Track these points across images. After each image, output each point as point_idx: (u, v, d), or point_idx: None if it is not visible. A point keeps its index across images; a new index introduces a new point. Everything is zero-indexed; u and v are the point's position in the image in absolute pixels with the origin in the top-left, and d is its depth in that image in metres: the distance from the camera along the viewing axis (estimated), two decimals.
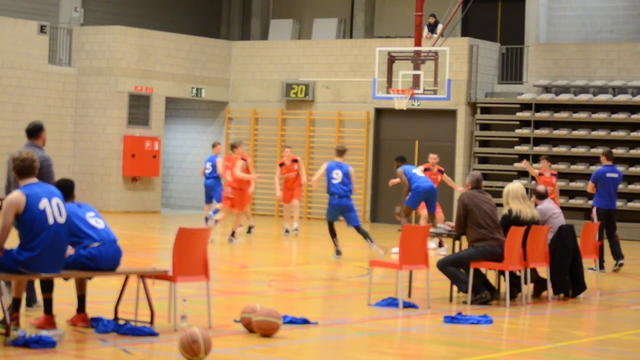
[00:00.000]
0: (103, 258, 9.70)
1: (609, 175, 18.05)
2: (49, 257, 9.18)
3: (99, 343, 9.29)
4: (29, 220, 9.12)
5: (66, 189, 9.97)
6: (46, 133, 11.00)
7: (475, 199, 12.89)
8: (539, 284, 13.76)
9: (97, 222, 9.85)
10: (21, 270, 9.12)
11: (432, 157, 21.44)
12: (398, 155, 20.32)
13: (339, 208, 18.39)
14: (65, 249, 9.37)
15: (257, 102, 31.37)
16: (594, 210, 17.98)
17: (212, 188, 22.48)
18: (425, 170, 20.97)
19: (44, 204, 9.18)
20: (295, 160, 23.40)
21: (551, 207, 13.96)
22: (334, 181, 18.47)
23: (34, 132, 10.79)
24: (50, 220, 9.18)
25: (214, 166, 22.44)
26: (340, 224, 19.14)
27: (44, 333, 8.96)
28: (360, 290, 13.60)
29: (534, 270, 13.58)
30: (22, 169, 9.34)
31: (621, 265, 18.03)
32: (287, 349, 9.45)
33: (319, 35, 32.79)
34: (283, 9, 35.07)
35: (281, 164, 23.45)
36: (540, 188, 14.30)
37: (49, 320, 9.48)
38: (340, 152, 18.98)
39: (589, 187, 18.30)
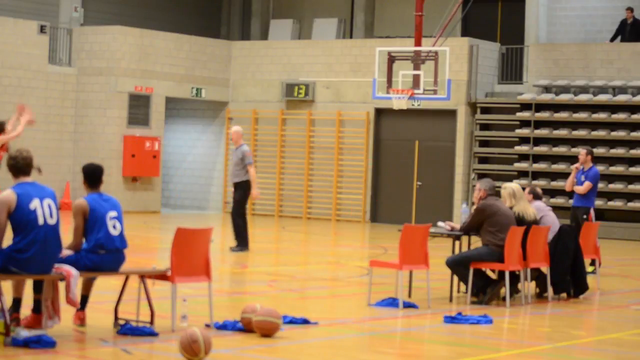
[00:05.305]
0: (104, 265, 9.68)
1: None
2: (40, 257, 9.12)
3: (99, 343, 9.29)
4: (19, 219, 9.06)
5: (93, 176, 9.87)
6: None
7: (503, 206, 12.93)
8: (540, 280, 13.72)
9: (115, 228, 9.70)
10: (13, 270, 9.09)
11: None
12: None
13: None
14: (57, 250, 9.30)
15: (257, 102, 31.37)
16: (592, 211, 17.34)
17: None
18: None
19: (35, 204, 9.10)
20: None
21: (541, 206, 14.02)
22: None
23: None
24: (40, 221, 9.09)
25: None
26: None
27: (41, 332, 8.95)
28: (360, 290, 13.60)
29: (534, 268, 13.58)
30: (21, 167, 9.29)
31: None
32: (287, 349, 9.45)
33: (319, 35, 32.79)
34: (283, 9, 35.07)
35: None
36: (538, 190, 14.43)
37: (36, 319, 9.41)
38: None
39: (587, 187, 17.08)
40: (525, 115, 28.23)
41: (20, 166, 9.27)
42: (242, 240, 18.49)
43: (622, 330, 11.59)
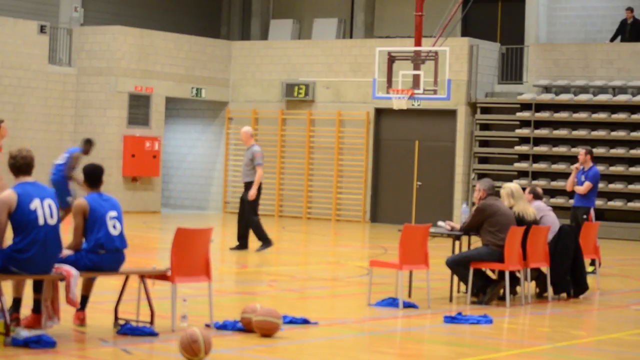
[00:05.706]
0: (104, 265, 9.68)
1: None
2: (41, 257, 9.12)
3: (99, 343, 9.29)
4: (19, 219, 9.05)
5: (93, 176, 9.86)
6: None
7: (503, 206, 12.91)
8: (540, 280, 13.72)
9: (115, 228, 9.70)
10: (13, 270, 9.09)
11: None
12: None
13: None
14: (57, 250, 9.29)
15: (257, 102, 31.37)
16: (592, 211, 17.09)
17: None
18: None
19: (35, 204, 9.09)
20: None
21: (542, 206, 14.02)
22: None
23: None
24: (41, 221, 9.09)
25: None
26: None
27: (41, 332, 8.95)
28: (360, 290, 13.60)
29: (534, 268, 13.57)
30: (20, 166, 9.27)
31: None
32: (287, 349, 9.45)
33: (319, 35, 32.79)
34: (283, 9, 35.07)
35: None
36: (539, 189, 14.40)
37: (36, 319, 9.41)
38: None
39: (587, 187, 16.97)
40: (525, 115, 28.23)
41: (20, 165, 9.26)
42: (264, 239, 18.56)
43: (622, 330, 11.59)
